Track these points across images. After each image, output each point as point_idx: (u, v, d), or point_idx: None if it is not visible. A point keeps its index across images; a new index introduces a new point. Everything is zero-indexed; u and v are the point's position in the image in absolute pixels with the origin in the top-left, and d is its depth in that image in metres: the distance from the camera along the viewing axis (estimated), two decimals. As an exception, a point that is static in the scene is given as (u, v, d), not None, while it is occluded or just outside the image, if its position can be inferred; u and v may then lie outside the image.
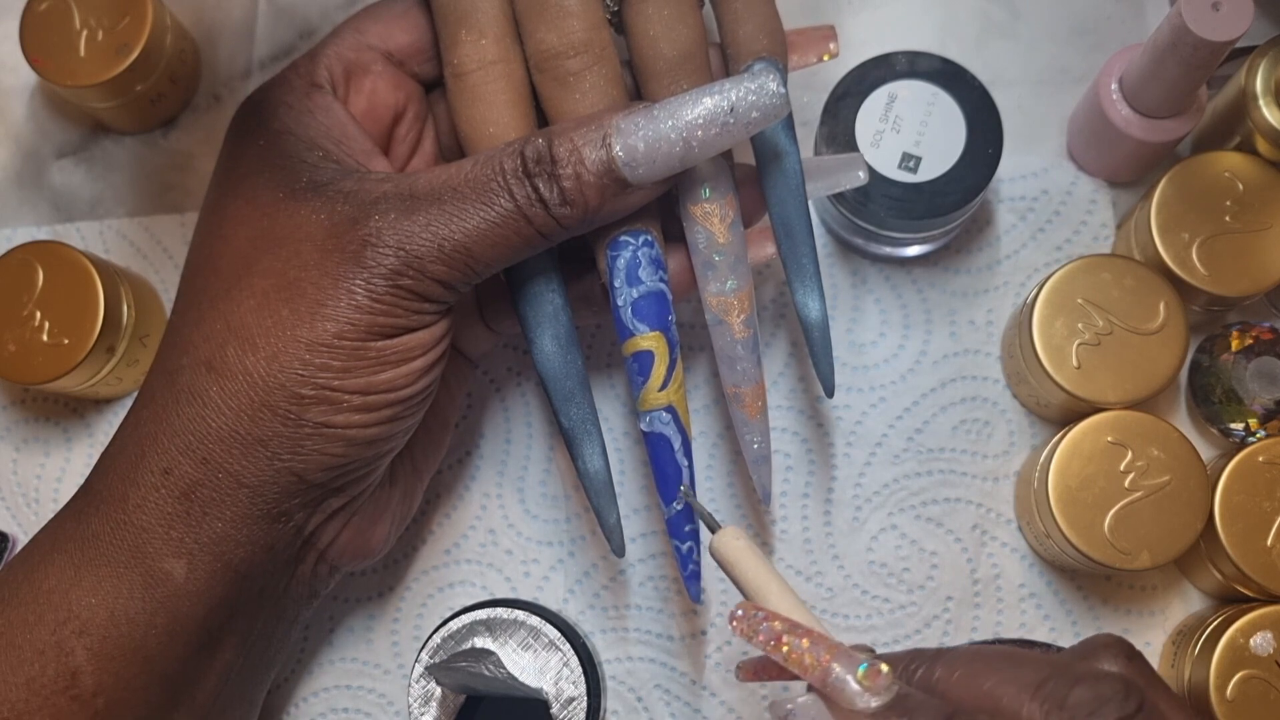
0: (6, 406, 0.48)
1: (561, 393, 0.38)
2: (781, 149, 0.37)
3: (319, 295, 0.34)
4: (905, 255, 0.45)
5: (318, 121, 0.38)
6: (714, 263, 0.37)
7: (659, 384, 0.36)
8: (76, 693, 0.34)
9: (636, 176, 0.34)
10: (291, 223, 0.35)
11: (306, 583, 0.39)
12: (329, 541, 0.38)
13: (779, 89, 0.33)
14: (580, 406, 0.38)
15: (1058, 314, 0.41)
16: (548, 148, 0.34)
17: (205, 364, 0.34)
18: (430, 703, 0.40)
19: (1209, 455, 0.43)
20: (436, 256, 0.34)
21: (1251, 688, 0.39)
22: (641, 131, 0.34)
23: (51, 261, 0.44)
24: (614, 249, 0.36)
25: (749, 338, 0.37)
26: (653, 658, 0.44)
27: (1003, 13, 0.48)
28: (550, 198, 0.34)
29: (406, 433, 0.37)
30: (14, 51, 0.46)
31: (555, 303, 0.37)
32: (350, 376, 0.34)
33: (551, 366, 0.38)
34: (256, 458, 0.34)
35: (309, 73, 0.39)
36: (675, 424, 0.37)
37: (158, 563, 0.35)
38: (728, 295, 0.37)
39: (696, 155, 0.34)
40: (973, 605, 0.44)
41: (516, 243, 0.34)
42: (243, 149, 0.38)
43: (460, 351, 0.43)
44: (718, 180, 0.36)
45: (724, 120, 0.33)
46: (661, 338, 0.36)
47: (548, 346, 0.37)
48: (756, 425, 0.38)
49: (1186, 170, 0.42)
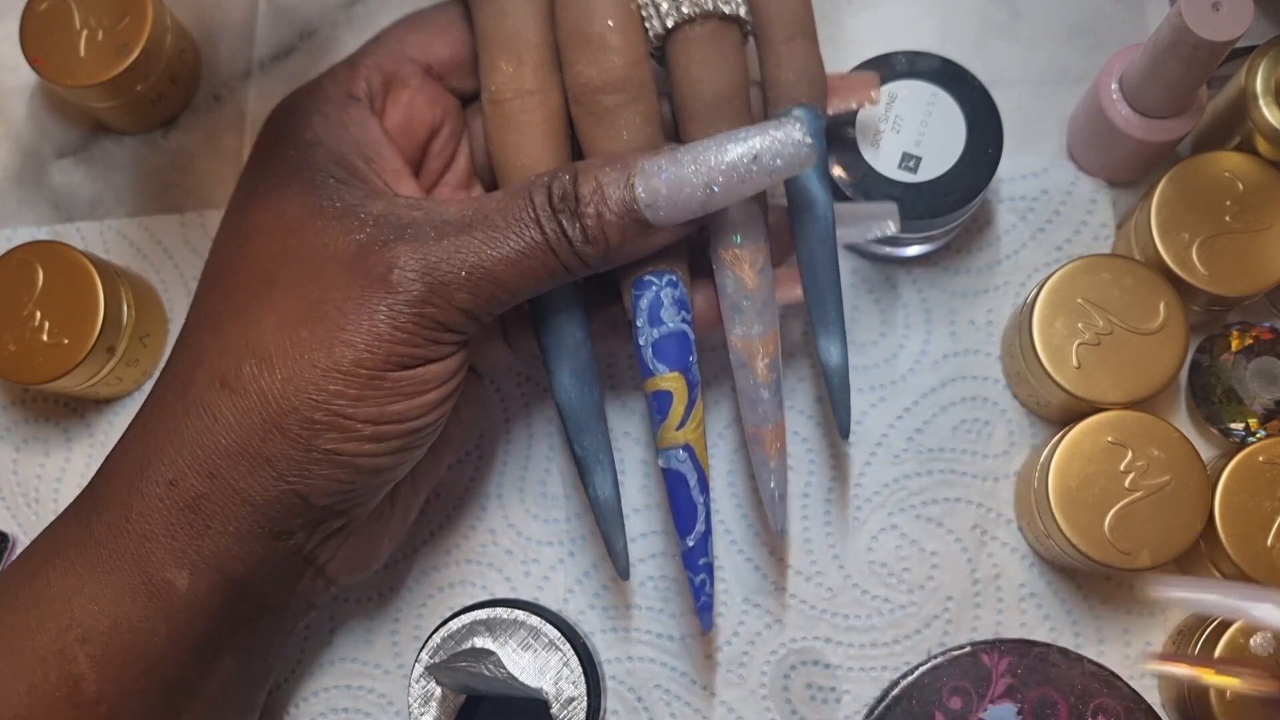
0: (6, 406, 0.48)
1: (576, 424, 0.38)
2: (813, 197, 0.37)
3: (340, 320, 0.33)
4: (905, 255, 0.45)
5: (351, 136, 0.37)
6: (741, 307, 0.37)
7: (676, 423, 0.37)
8: (79, 700, 0.34)
9: (658, 218, 0.34)
10: (318, 242, 0.35)
11: (304, 596, 0.39)
12: (328, 559, 0.38)
13: (805, 139, 0.33)
14: (594, 437, 0.38)
15: (1058, 314, 0.41)
16: (573, 185, 0.34)
17: (220, 378, 0.34)
18: (430, 703, 0.40)
19: (1209, 455, 0.43)
20: (463, 284, 0.34)
21: (1251, 688, 0.39)
22: (665, 174, 0.34)
23: (51, 261, 0.44)
24: (638, 288, 0.36)
25: (772, 381, 0.38)
26: (653, 658, 0.44)
27: (1003, 13, 0.48)
28: (573, 234, 0.34)
29: (413, 462, 0.37)
30: (14, 51, 0.46)
31: (576, 337, 0.38)
32: (364, 405, 0.34)
33: (569, 399, 0.38)
34: (263, 477, 0.34)
35: (347, 83, 0.38)
36: (691, 461, 0.37)
37: (160, 572, 0.34)
38: (753, 339, 0.37)
39: (719, 200, 0.34)
40: (973, 605, 0.44)
41: (542, 274, 0.34)
42: (273, 158, 0.37)
43: (473, 369, 0.42)
44: (750, 227, 0.36)
45: (747, 168, 0.33)
46: (681, 378, 0.36)
47: (566, 380, 0.38)
48: (775, 466, 0.38)
49: (1186, 170, 0.42)
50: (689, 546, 0.38)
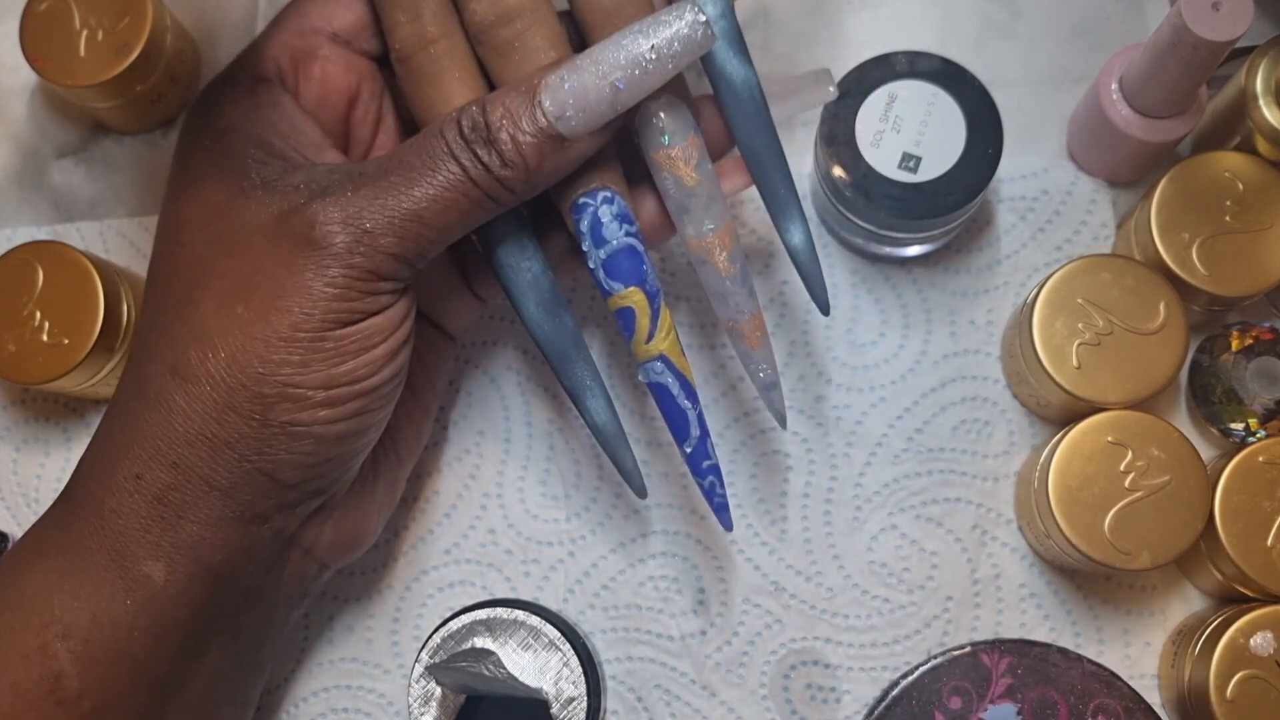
0: (6, 406, 0.48)
1: (557, 355, 0.38)
2: (731, 75, 0.37)
3: (272, 288, 0.34)
4: (905, 255, 0.45)
5: (264, 117, 0.37)
6: (688, 206, 0.36)
7: (645, 337, 0.36)
8: (61, 696, 0.34)
9: (570, 129, 0.34)
10: (243, 220, 0.35)
11: (294, 581, 0.39)
12: (313, 540, 0.38)
13: (698, 17, 0.33)
14: (577, 365, 0.38)
15: (1058, 314, 0.41)
16: (482, 114, 0.34)
17: (170, 369, 0.34)
18: (430, 703, 0.40)
19: (1209, 455, 0.43)
20: (387, 228, 0.33)
21: (1251, 688, 0.39)
22: (567, 83, 0.33)
23: (51, 261, 0.44)
24: (576, 213, 0.36)
25: (736, 272, 0.37)
26: (653, 658, 0.44)
27: (1003, 13, 0.48)
28: (490, 161, 0.34)
29: (379, 426, 0.37)
30: (14, 51, 0.46)
31: (534, 269, 0.37)
32: (310, 371, 0.34)
33: (542, 331, 0.38)
34: (225, 460, 0.34)
35: (253, 66, 0.38)
36: (670, 371, 0.36)
37: (137, 566, 0.35)
38: (707, 236, 0.37)
39: (627, 97, 0.33)
40: (973, 605, 0.44)
41: (467, 207, 0.34)
42: (192, 151, 0.38)
43: (443, 328, 0.42)
44: (675, 123, 0.36)
45: (646, 57, 0.33)
46: (639, 291, 0.36)
47: (535, 313, 0.38)
48: (760, 354, 0.38)
49: (1186, 170, 0.42)
50: (688, 453, 0.37)
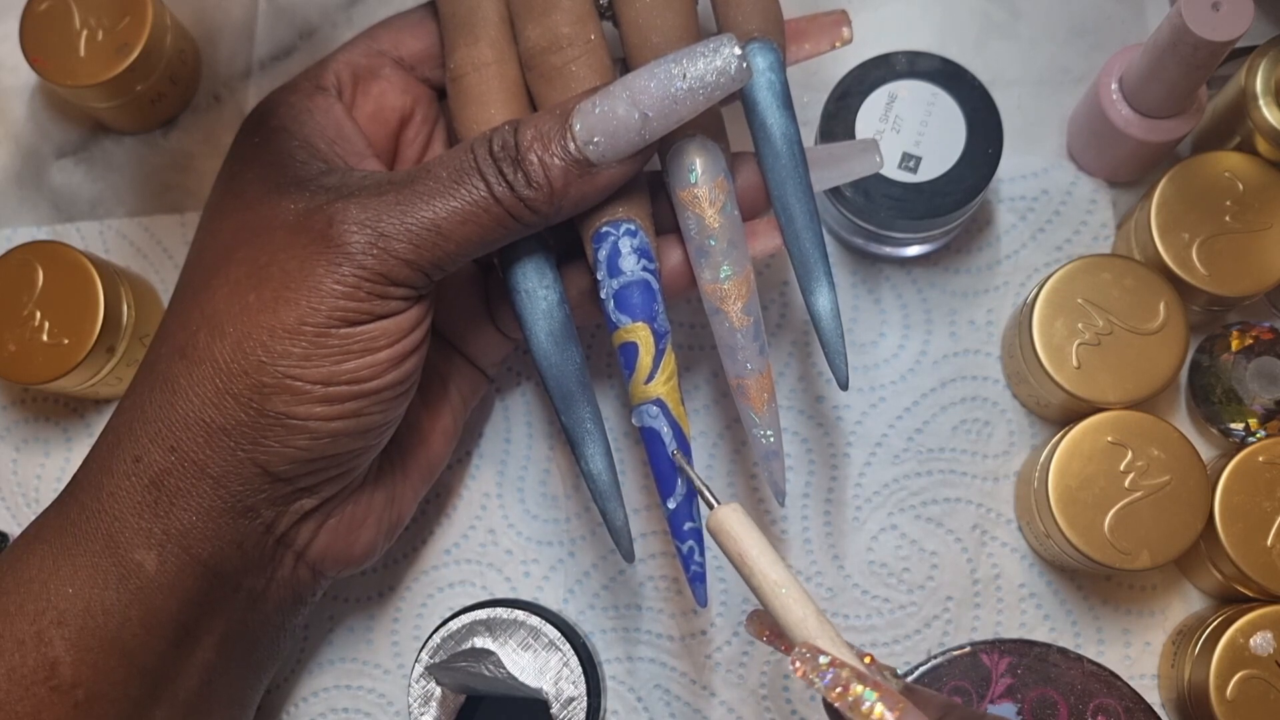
0: (6, 406, 0.48)
1: (560, 391, 0.37)
2: (769, 126, 0.36)
3: (284, 279, 0.34)
4: (905, 255, 0.45)
5: (314, 120, 0.38)
6: (707, 249, 0.36)
7: (644, 377, 0.35)
8: (56, 683, 0.34)
9: (598, 154, 0.34)
10: (270, 212, 0.35)
11: (288, 586, 0.38)
12: (305, 543, 0.38)
13: (734, 52, 0.33)
14: (579, 405, 0.37)
15: (1058, 314, 0.41)
16: (513, 134, 0.34)
17: (179, 351, 0.35)
18: (430, 703, 0.40)
19: (1209, 455, 0.43)
20: (403, 234, 0.34)
21: (1251, 688, 0.39)
22: (598, 108, 0.33)
23: (51, 261, 0.44)
24: (596, 241, 0.36)
25: (749, 326, 0.36)
26: (653, 658, 0.44)
27: (1003, 13, 0.48)
28: (515, 180, 0.34)
29: (379, 432, 0.37)
30: (14, 51, 0.46)
31: (550, 299, 0.37)
32: (311, 365, 0.34)
33: (549, 363, 0.37)
34: (220, 447, 0.34)
35: (316, 76, 0.40)
36: (665, 417, 0.35)
37: (129, 553, 0.35)
38: (722, 283, 0.36)
39: (656, 127, 0.33)
40: (973, 605, 0.44)
41: (487, 222, 0.34)
42: (240, 146, 0.39)
43: (473, 363, 0.42)
44: (705, 162, 0.35)
45: (675, 87, 0.33)
46: (646, 328, 0.35)
47: (544, 343, 0.37)
48: (764, 418, 0.37)
49: (1186, 170, 0.42)
50: (671, 509, 0.36)
